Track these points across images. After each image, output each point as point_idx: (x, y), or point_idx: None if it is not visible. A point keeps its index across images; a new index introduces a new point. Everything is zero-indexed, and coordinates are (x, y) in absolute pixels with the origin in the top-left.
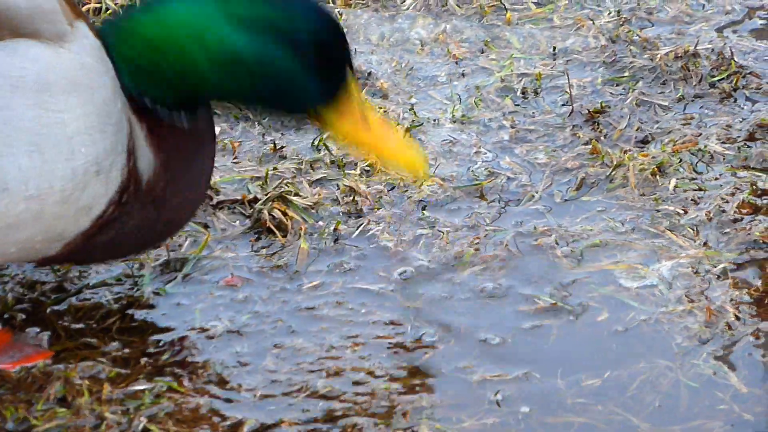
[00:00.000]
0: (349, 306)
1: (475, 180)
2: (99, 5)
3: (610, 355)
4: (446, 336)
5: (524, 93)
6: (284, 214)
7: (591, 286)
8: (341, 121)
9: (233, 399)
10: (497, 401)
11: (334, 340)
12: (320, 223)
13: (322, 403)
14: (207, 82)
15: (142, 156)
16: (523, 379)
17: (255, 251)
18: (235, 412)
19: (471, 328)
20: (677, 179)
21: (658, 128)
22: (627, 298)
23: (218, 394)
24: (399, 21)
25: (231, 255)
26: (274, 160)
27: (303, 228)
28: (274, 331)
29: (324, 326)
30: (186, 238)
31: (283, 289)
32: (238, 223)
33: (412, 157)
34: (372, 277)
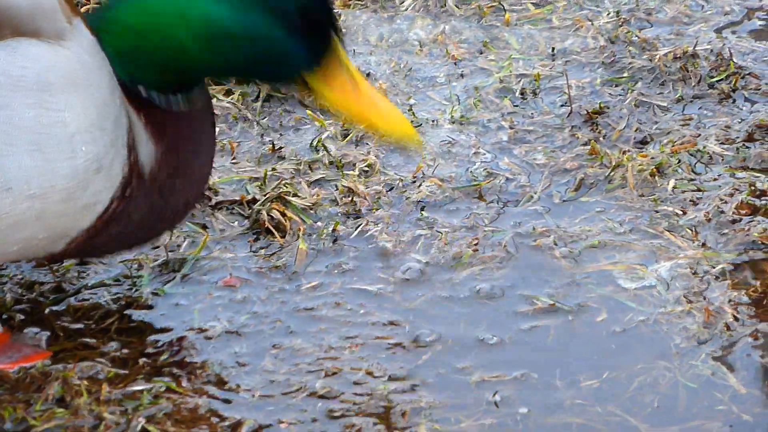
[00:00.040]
0: (348, 306)
1: (473, 180)
2: (98, 4)
3: (609, 356)
4: (444, 336)
5: (523, 94)
6: (283, 214)
7: (589, 286)
8: (329, 87)
9: (232, 399)
10: (495, 402)
11: (333, 340)
12: (319, 223)
13: (320, 403)
14: (194, 60)
15: (143, 148)
16: (522, 379)
17: (253, 252)
18: (233, 412)
19: (469, 328)
20: (676, 180)
21: (656, 129)
22: (625, 299)
23: (217, 395)
24: (398, 22)
25: (229, 255)
26: (273, 160)
27: (301, 229)
28: (272, 332)
29: (322, 327)
30: (184, 238)
31: (281, 290)
32: (236, 223)
33: (403, 125)
34: (370, 278)
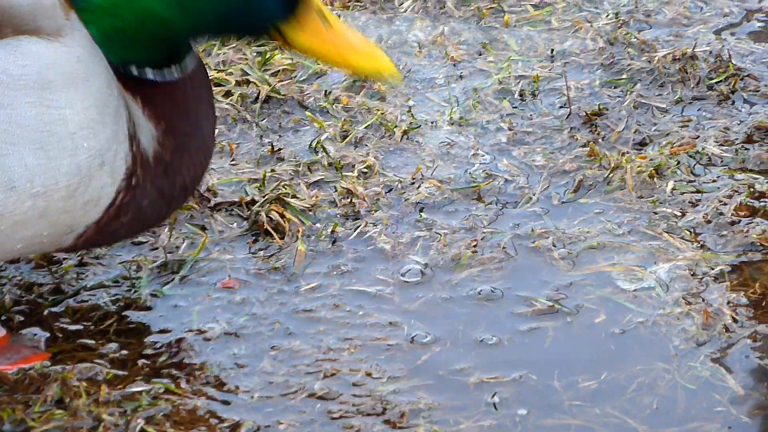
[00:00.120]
0: (347, 308)
1: (472, 182)
2: None
3: (607, 358)
4: (443, 338)
5: (522, 95)
6: (282, 216)
7: (588, 288)
8: (303, 36)
9: (231, 401)
10: (494, 403)
11: (332, 342)
12: (318, 225)
13: (319, 404)
14: (171, 24)
15: (143, 134)
16: (520, 381)
17: (252, 253)
18: (232, 413)
19: (468, 329)
20: (675, 181)
21: (655, 130)
22: (624, 301)
23: (216, 396)
24: (397, 23)
25: (228, 257)
26: (272, 162)
27: (300, 230)
28: (271, 333)
29: (321, 328)
30: (183, 240)
31: (280, 291)
32: (235, 225)
33: (379, 60)
34: (369, 279)
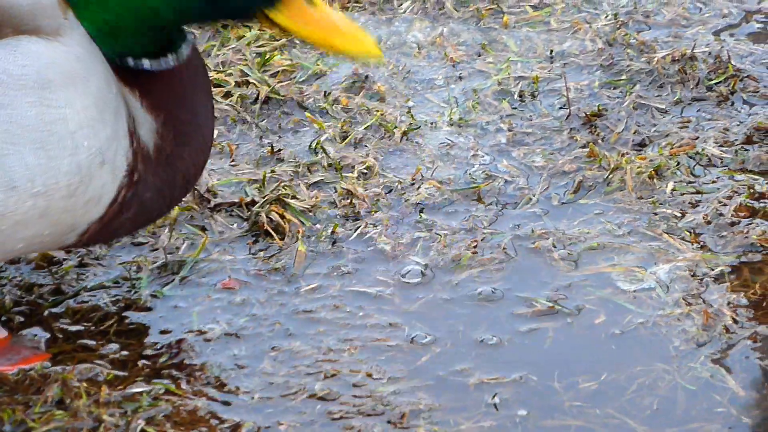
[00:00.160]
0: (347, 309)
1: (472, 183)
2: None
3: (608, 358)
4: (443, 339)
5: (521, 96)
6: (282, 217)
7: (588, 289)
8: (288, 18)
9: (231, 402)
10: (494, 404)
11: (332, 342)
12: (318, 226)
13: (319, 405)
14: (158, 12)
15: (143, 127)
16: (521, 382)
17: (252, 254)
18: (232, 414)
19: (468, 330)
20: (674, 182)
21: (655, 131)
22: (624, 301)
23: (216, 397)
24: (396, 24)
25: (228, 258)
26: (272, 162)
27: (300, 231)
28: (271, 334)
29: (321, 329)
30: (183, 240)
31: (280, 292)
32: (235, 226)
33: (363, 44)
34: (369, 280)
